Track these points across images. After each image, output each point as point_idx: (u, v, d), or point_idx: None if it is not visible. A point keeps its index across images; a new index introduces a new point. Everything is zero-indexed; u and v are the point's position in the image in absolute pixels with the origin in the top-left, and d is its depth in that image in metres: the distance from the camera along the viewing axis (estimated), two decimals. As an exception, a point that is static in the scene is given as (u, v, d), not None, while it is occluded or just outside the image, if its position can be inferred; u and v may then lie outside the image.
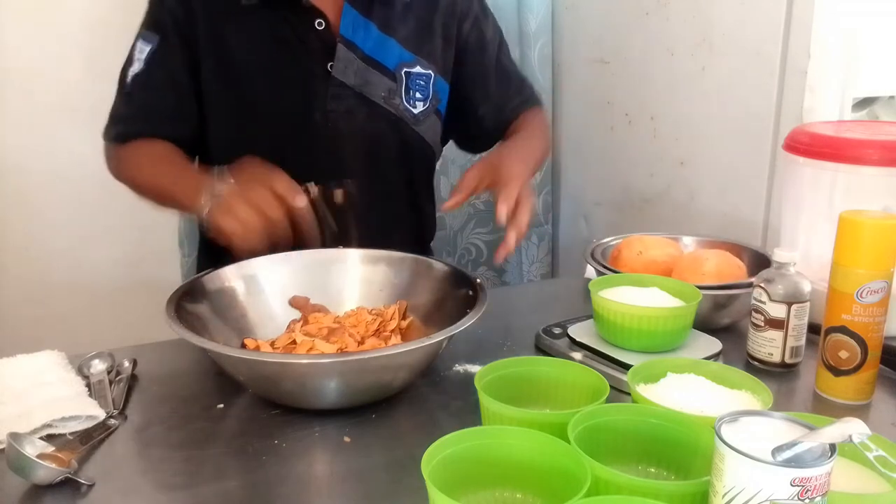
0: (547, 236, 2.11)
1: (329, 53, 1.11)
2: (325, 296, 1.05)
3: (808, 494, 0.53)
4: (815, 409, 0.90)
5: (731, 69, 1.46)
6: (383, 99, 1.14)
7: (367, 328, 0.98)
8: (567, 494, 0.59)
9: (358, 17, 1.11)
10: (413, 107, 1.16)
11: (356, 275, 1.08)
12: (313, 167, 1.10)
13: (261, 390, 0.88)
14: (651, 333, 0.93)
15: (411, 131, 1.18)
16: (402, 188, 1.23)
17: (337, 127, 1.13)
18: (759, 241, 1.41)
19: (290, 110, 1.11)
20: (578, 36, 1.91)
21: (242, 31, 1.10)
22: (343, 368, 0.81)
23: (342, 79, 1.11)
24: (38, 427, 0.80)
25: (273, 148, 1.08)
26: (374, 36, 1.13)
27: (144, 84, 1.11)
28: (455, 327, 0.85)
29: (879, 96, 1.39)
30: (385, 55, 1.14)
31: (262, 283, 1.02)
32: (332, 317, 1.02)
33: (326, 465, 0.78)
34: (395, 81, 1.15)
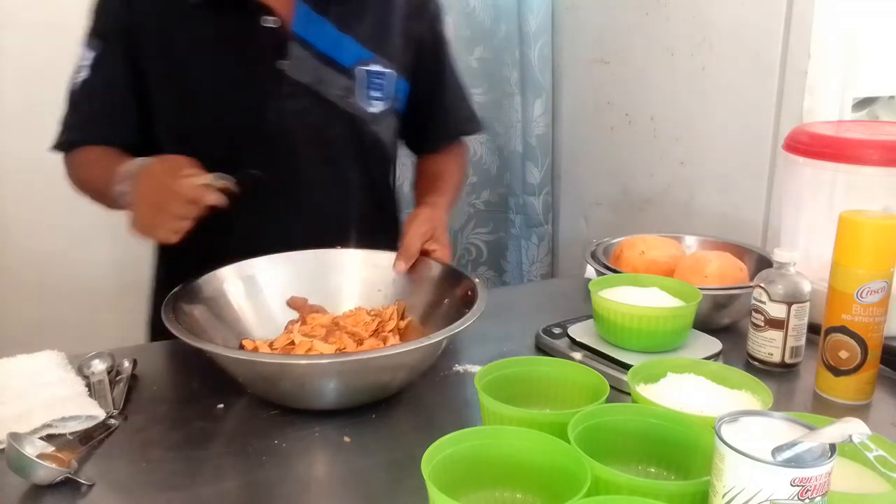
0: (547, 236, 2.11)
1: (282, 52, 1.08)
2: (323, 296, 1.05)
3: (808, 494, 0.53)
4: (815, 409, 0.90)
5: (731, 69, 1.46)
6: (339, 97, 1.11)
7: (366, 328, 0.98)
8: (567, 494, 0.59)
9: (312, 14, 1.08)
10: (370, 105, 1.14)
11: (355, 275, 1.07)
12: (268, 168, 1.08)
13: (260, 391, 0.88)
14: (651, 333, 0.93)
15: (368, 130, 1.16)
16: (360, 188, 1.20)
17: (292, 126, 1.10)
18: (759, 241, 1.41)
19: (243, 111, 1.09)
20: (578, 36, 1.91)
21: (189, 33, 1.07)
22: (342, 369, 0.81)
23: (296, 77, 1.08)
24: (38, 427, 0.80)
25: (226, 150, 1.08)
26: (330, 33, 1.10)
27: (89, 92, 1.09)
28: (454, 327, 0.85)
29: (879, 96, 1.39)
30: (341, 53, 1.11)
31: (260, 283, 1.02)
32: (330, 317, 1.02)
33: (326, 465, 0.78)
34: (352, 80, 1.12)
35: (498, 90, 2.02)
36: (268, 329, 1.00)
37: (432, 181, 1.24)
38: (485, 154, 2.07)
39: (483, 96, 2.01)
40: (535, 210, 2.08)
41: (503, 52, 1.99)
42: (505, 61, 2.00)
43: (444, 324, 0.86)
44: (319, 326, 0.98)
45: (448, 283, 1.01)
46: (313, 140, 1.12)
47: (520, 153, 2.06)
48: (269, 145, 1.10)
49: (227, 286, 1.00)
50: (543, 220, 2.09)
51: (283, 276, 1.04)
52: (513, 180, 2.10)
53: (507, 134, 2.06)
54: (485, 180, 2.09)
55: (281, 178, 1.11)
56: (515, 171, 2.09)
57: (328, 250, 1.08)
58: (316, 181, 1.14)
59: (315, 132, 1.12)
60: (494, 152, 2.08)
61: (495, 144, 2.07)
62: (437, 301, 1.01)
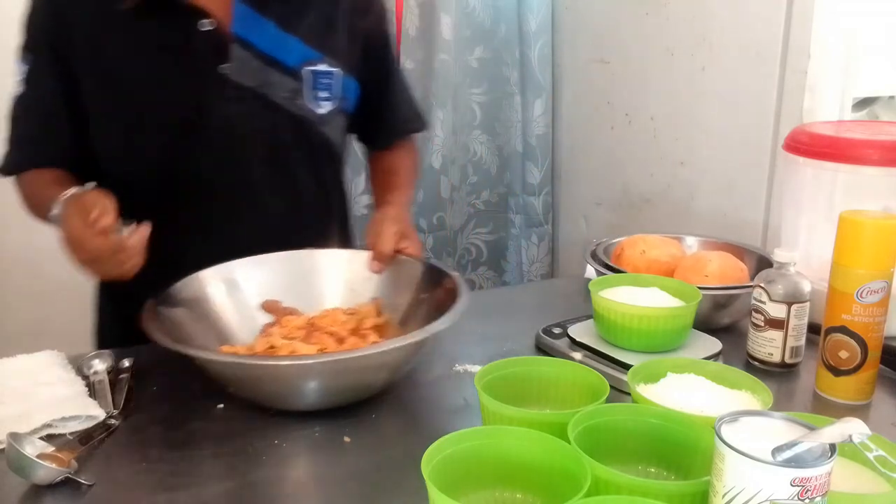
0: (547, 236, 2.11)
1: (222, 55, 1.04)
2: (298, 298, 1.04)
3: (808, 494, 0.53)
4: (815, 409, 0.90)
5: (731, 69, 1.46)
6: (286, 99, 1.08)
7: (344, 327, 0.96)
8: (567, 494, 0.59)
9: (251, 13, 1.05)
10: (318, 106, 1.11)
11: (329, 275, 1.06)
12: (216, 175, 1.07)
13: (246, 394, 0.87)
14: (651, 333, 0.93)
15: (317, 132, 1.13)
16: (310, 190, 1.17)
17: (237, 131, 1.07)
18: (759, 241, 1.41)
19: (184, 119, 1.05)
20: (578, 36, 1.92)
21: (123, 41, 1.03)
22: (334, 368, 0.80)
23: (239, 80, 1.05)
24: (38, 427, 0.80)
25: (169, 159, 1.06)
26: (272, 33, 1.07)
27: (24, 108, 1.07)
28: (445, 320, 0.84)
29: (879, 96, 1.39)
30: (285, 53, 1.07)
31: (236, 287, 1.01)
32: (306, 318, 1.00)
33: (326, 465, 0.78)
34: (299, 81, 1.09)
35: (498, 90, 2.02)
36: (245, 333, 0.98)
37: (388, 178, 1.23)
38: (485, 154, 2.07)
39: (483, 96, 2.01)
40: (535, 210, 2.08)
41: (503, 52, 1.99)
42: (505, 61, 2.00)
43: (425, 319, 0.86)
44: (296, 328, 0.97)
45: (426, 280, 1.01)
46: (260, 144, 1.09)
47: (520, 153, 2.06)
48: (215, 152, 1.07)
49: (203, 291, 0.98)
50: (543, 220, 2.09)
51: (260, 278, 1.03)
52: (513, 180, 2.11)
53: (507, 134, 2.06)
54: (485, 180, 2.09)
55: (228, 184, 1.08)
56: (515, 171, 2.09)
57: (302, 251, 1.06)
58: (265, 185, 1.11)
59: (262, 136, 1.09)
60: (494, 152, 2.08)
61: (495, 144, 2.07)
62: (415, 297, 1.00)
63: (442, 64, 1.86)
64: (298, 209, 1.16)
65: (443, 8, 1.82)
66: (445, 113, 1.89)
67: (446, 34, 1.84)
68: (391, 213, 1.10)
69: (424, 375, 0.96)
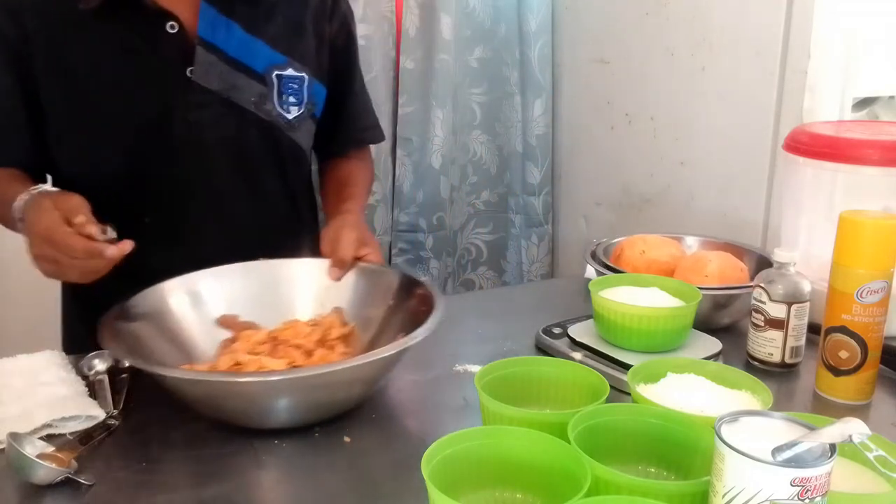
0: (547, 236, 2.11)
1: (187, 58, 1.02)
2: (257, 310, 1.00)
3: (808, 494, 0.53)
4: (815, 409, 0.90)
5: (731, 69, 1.46)
6: (254, 104, 1.06)
7: (308, 339, 0.93)
8: (567, 494, 0.59)
9: (218, 16, 1.03)
10: (287, 112, 1.09)
11: (290, 285, 1.03)
12: (177, 181, 1.05)
13: (208, 411, 0.83)
14: (651, 333, 0.93)
15: (285, 138, 1.11)
16: (279, 197, 1.16)
17: (203, 137, 1.04)
18: (759, 242, 1.41)
19: (147, 123, 1.02)
20: (578, 36, 1.91)
21: (84, 43, 1.00)
22: (315, 382, 0.78)
23: (205, 84, 1.03)
24: (38, 427, 0.80)
25: (132, 164, 1.04)
26: (238, 36, 1.05)
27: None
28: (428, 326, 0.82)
29: (879, 96, 1.39)
30: (252, 57, 1.06)
31: (196, 300, 0.98)
32: (265, 332, 0.96)
33: (326, 465, 0.78)
34: (266, 85, 1.07)
35: (498, 90, 2.02)
36: (209, 347, 0.95)
37: (344, 188, 1.20)
38: (485, 154, 2.07)
39: (483, 96, 2.01)
40: (535, 210, 2.08)
41: (503, 52, 1.99)
42: (505, 61, 2.00)
43: (399, 327, 0.83)
44: (258, 343, 0.93)
45: (394, 287, 0.98)
46: (227, 149, 1.07)
47: (520, 153, 2.06)
48: (180, 157, 1.05)
49: (166, 302, 0.95)
50: (543, 220, 2.09)
51: (218, 290, 0.99)
52: (513, 180, 2.10)
53: (507, 134, 2.06)
54: (485, 180, 2.09)
55: (194, 190, 1.07)
56: (515, 171, 2.09)
57: (259, 262, 1.03)
58: (231, 191, 1.09)
59: (228, 141, 1.07)
60: (494, 152, 2.08)
61: (495, 144, 2.07)
62: (385, 305, 0.97)
63: (442, 64, 1.85)
64: (266, 216, 1.14)
65: (443, 8, 1.82)
66: (445, 113, 1.89)
67: (446, 34, 1.84)
68: (349, 220, 1.08)
69: (424, 375, 0.96)
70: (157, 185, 1.06)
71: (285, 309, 1.01)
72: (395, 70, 1.84)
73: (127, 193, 1.05)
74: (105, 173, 1.04)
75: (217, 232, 1.09)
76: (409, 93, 1.85)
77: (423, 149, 1.90)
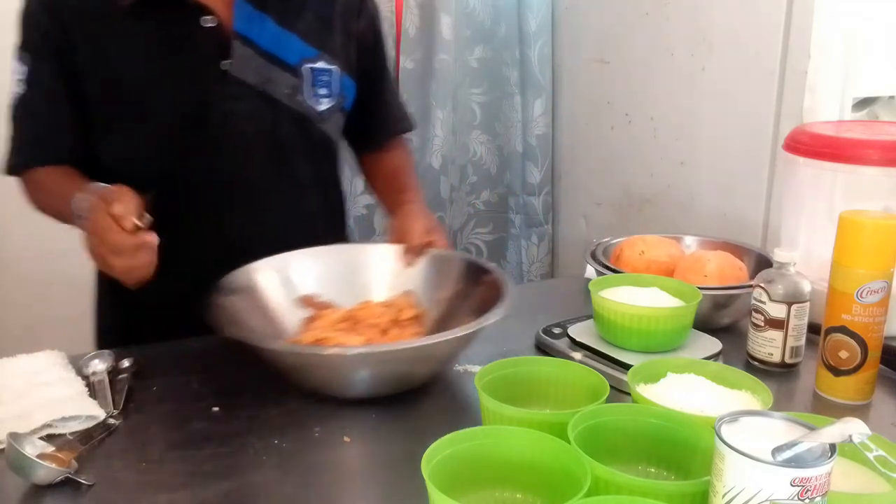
0: (547, 236, 2.11)
1: (223, 52, 1.04)
2: (334, 291, 1.06)
3: (808, 494, 0.53)
4: (815, 409, 0.90)
5: (731, 69, 1.46)
6: (287, 96, 1.09)
7: (382, 319, 0.99)
8: (567, 494, 0.59)
9: (252, 11, 1.05)
10: (318, 104, 1.12)
11: (364, 269, 1.09)
12: (214, 173, 1.07)
13: (300, 381, 0.89)
14: (651, 333, 0.93)
15: (316, 129, 1.14)
16: (310, 186, 1.18)
17: (239, 129, 1.07)
18: (759, 242, 1.41)
19: (185, 116, 1.05)
20: (578, 36, 1.92)
21: (124, 37, 1.03)
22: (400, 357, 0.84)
23: (241, 77, 1.05)
24: (37, 427, 0.80)
25: (170, 157, 1.06)
26: (272, 30, 1.07)
27: (25, 108, 1.06)
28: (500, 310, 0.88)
29: (879, 96, 1.39)
30: (285, 50, 1.08)
31: (278, 280, 1.04)
32: (342, 312, 1.02)
33: (326, 465, 0.78)
34: (299, 78, 1.09)
35: (498, 90, 2.02)
36: (290, 325, 1.01)
37: (397, 178, 1.25)
38: (485, 154, 2.07)
39: (483, 96, 2.01)
40: (535, 210, 2.08)
41: (503, 52, 1.99)
42: (505, 61, 2.00)
43: (469, 311, 0.90)
44: (337, 322, 0.99)
45: (462, 272, 1.04)
46: (262, 141, 1.09)
47: (520, 153, 2.06)
48: (216, 149, 1.07)
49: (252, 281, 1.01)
50: (543, 220, 2.09)
51: (298, 272, 1.06)
52: (513, 180, 2.11)
53: (507, 134, 2.06)
54: (485, 180, 2.09)
55: (230, 181, 1.09)
56: (515, 171, 2.09)
57: (333, 247, 1.09)
58: (267, 182, 1.12)
59: (263, 133, 1.09)
60: (494, 152, 2.08)
61: (495, 144, 2.07)
62: (453, 290, 1.04)
63: (442, 64, 1.86)
64: (299, 206, 1.17)
65: (443, 8, 1.82)
66: (445, 113, 1.89)
67: (446, 34, 1.84)
68: (415, 209, 1.12)
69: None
70: (195, 176, 1.08)
71: (360, 291, 1.07)
72: (395, 70, 1.84)
73: (166, 185, 1.05)
74: (145, 165, 1.06)
75: (253, 222, 1.11)
76: (409, 93, 1.85)
77: (423, 149, 1.90)
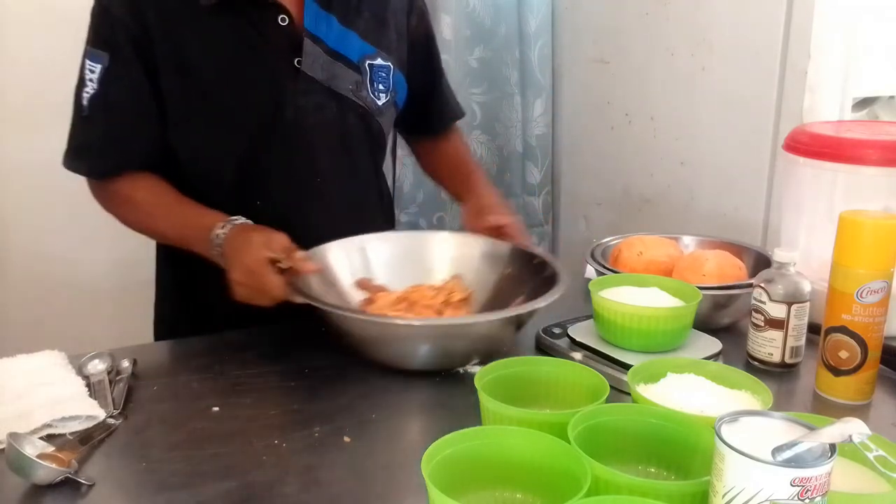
0: (547, 236, 2.11)
1: (295, 49, 1.08)
2: (385, 276, 1.14)
3: (808, 494, 0.53)
4: (815, 409, 0.90)
5: (731, 69, 1.46)
6: (351, 91, 1.14)
7: (434, 300, 1.05)
8: (567, 494, 0.59)
9: (319, 10, 1.10)
10: (378, 98, 1.17)
11: (416, 254, 1.16)
12: (286, 166, 1.11)
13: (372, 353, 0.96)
14: (651, 333, 0.93)
15: (375, 122, 1.19)
16: (370, 177, 1.25)
17: (308, 123, 1.12)
18: (759, 242, 1.41)
19: (261, 111, 1.09)
20: (578, 36, 1.91)
21: (203, 35, 1.05)
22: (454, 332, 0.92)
23: (311, 73, 1.10)
24: (38, 427, 0.80)
25: (247, 151, 1.09)
26: (336, 29, 1.12)
27: (104, 107, 1.06)
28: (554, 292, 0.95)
29: (879, 96, 1.39)
30: (348, 48, 1.13)
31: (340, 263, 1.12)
32: (396, 294, 1.08)
33: (326, 465, 0.78)
34: (360, 74, 1.15)
35: (498, 90, 2.02)
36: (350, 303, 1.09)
37: (460, 164, 1.34)
38: (485, 154, 2.07)
39: (483, 96, 2.01)
40: (535, 210, 2.08)
41: (503, 52, 1.99)
42: (505, 61, 2.00)
43: (513, 293, 0.99)
44: (393, 303, 1.06)
45: (511, 259, 1.11)
46: (329, 134, 1.14)
47: (520, 153, 2.06)
48: (288, 142, 1.11)
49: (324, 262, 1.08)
50: (543, 220, 2.09)
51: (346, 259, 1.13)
52: (513, 180, 2.10)
53: (507, 134, 2.06)
54: (485, 180, 2.09)
55: (300, 174, 1.13)
56: (515, 171, 2.09)
57: (388, 233, 1.19)
58: (333, 173, 1.16)
59: (330, 126, 1.14)
60: (494, 152, 2.08)
61: (495, 144, 2.07)
62: (497, 273, 1.11)
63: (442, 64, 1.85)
64: (360, 195, 1.23)
65: (443, 8, 1.82)
66: (445, 113, 1.89)
67: (446, 34, 1.84)
68: (490, 191, 1.22)
69: (424, 375, 0.96)
70: (268, 170, 1.11)
71: (414, 274, 1.14)
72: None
73: (241, 179, 1.11)
74: (223, 161, 1.10)
75: (319, 211, 1.16)
76: (409, 93, 1.85)
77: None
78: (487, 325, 0.94)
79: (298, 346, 1.03)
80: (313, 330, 1.00)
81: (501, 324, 0.95)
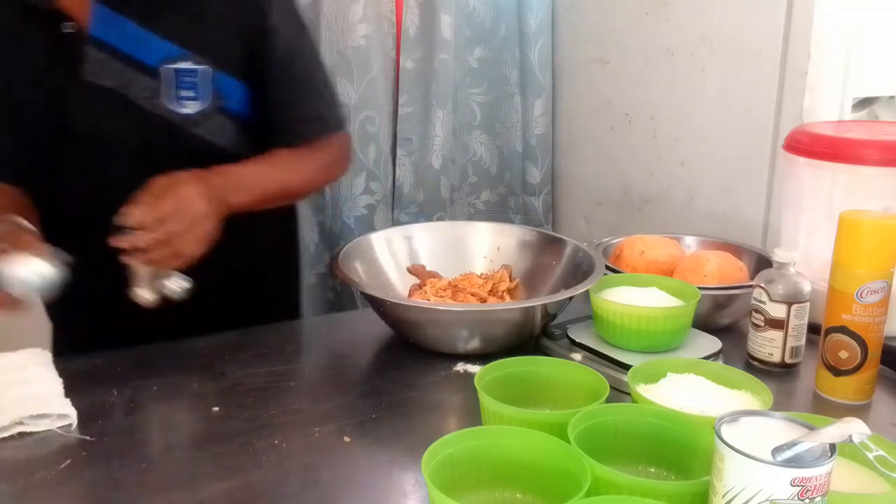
0: (547, 236, 2.11)
1: (80, 57, 1.02)
2: (437, 263, 1.20)
3: (808, 494, 0.53)
4: (815, 409, 0.90)
5: (731, 69, 1.46)
6: (145, 100, 1.04)
7: (482, 290, 1.10)
8: (567, 494, 0.59)
9: (110, 14, 1.02)
10: (181, 106, 1.05)
11: (467, 244, 1.22)
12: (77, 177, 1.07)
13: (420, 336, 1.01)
14: (650, 333, 0.93)
15: (188, 134, 1.06)
16: None
17: (102, 134, 1.05)
18: (759, 242, 1.41)
19: (49, 122, 1.04)
20: (578, 36, 1.91)
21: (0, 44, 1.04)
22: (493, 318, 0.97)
23: (97, 81, 1.02)
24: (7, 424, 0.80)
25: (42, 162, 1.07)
26: (132, 31, 1.03)
27: None
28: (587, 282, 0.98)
29: (879, 96, 1.39)
30: (146, 52, 1.04)
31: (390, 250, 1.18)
32: (447, 281, 1.14)
33: (326, 465, 0.78)
34: (158, 79, 1.04)
35: (498, 90, 2.02)
36: (401, 290, 1.15)
37: None
38: (485, 154, 2.07)
39: (483, 96, 2.01)
40: (535, 210, 2.08)
41: (503, 52, 1.99)
42: (505, 61, 2.00)
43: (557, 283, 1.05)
44: (441, 289, 1.11)
45: (552, 249, 1.16)
46: (127, 145, 1.06)
47: (520, 153, 2.06)
48: (83, 153, 1.06)
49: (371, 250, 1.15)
50: (543, 220, 2.08)
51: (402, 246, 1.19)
52: (513, 180, 2.10)
53: (507, 134, 2.05)
54: (485, 180, 2.09)
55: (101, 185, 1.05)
56: (515, 171, 2.09)
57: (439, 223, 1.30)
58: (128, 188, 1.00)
59: (127, 137, 1.06)
60: (494, 152, 2.08)
61: (495, 144, 2.07)
62: (545, 265, 1.15)
63: (442, 64, 1.85)
64: None
65: (443, 8, 1.82)
66: (445, 113, 1.89)
67: (446, 34, 1.84)
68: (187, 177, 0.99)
69: (424, 375, 0.96)
70: (69, 180, 1.07)
71: (464, 263, 1.20)
72: (395, 70, 1.84)
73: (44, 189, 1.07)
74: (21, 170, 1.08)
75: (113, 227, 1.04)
76: (408, 93, 1.85)
77: (423, 149, 1.90)
78: (509, 313, 0.98)
79: (298, 346, 1.03)
80: (314, 330, 1.00)
81: (524, 312, 0.99)
